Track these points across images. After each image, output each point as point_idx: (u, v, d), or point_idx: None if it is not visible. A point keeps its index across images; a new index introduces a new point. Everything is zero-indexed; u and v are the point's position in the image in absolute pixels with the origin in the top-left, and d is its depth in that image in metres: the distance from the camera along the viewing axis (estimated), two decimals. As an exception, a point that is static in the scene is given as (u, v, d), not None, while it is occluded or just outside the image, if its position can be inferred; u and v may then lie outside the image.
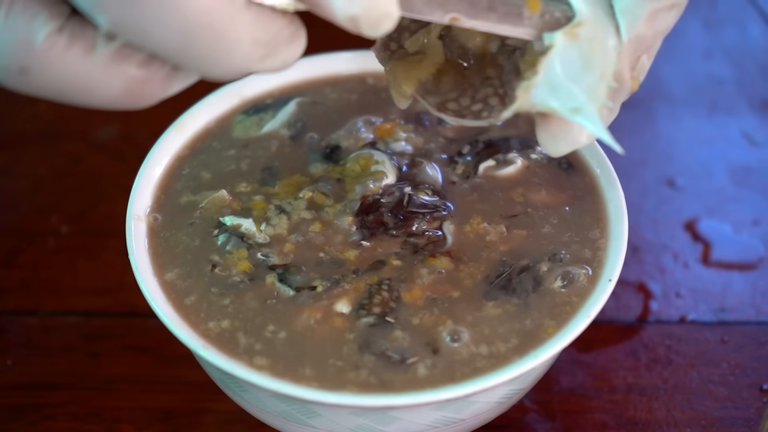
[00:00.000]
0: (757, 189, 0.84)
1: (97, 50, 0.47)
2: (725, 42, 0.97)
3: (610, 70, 0.55)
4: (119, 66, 0.47)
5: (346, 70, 0.74)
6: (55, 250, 0.79)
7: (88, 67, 0.47)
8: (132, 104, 0.49)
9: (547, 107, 0.55)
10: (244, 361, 0.57)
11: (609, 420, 0.69)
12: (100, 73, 0.47)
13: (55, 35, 0.46)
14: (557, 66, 0.54)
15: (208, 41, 0.46)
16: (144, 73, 0.48)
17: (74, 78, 0.47)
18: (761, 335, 0.74)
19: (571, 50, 0.54)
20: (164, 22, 0.45)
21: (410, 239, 0.63)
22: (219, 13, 0.46)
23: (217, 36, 0.46)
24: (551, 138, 0.57)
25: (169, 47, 0.46)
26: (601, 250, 0.62)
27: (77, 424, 0.69)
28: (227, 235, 0.63)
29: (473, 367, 0.57)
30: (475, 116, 0.57)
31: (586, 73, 0.54)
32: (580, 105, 0.54)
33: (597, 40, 0.54)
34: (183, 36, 0.46)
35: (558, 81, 0.54)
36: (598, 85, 0.54)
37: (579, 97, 0.54)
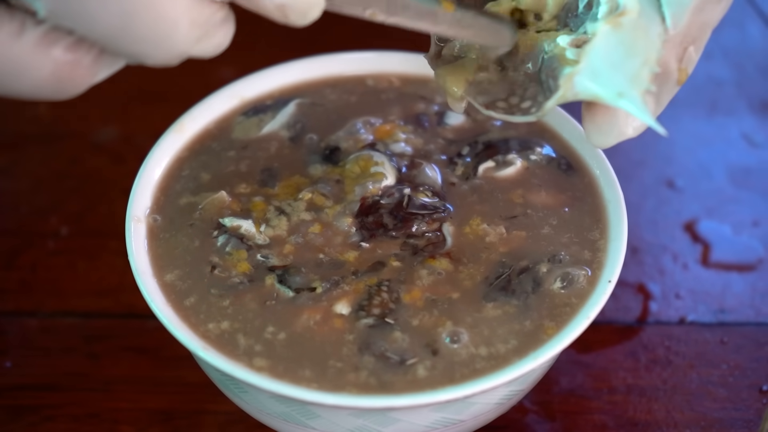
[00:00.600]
0: (756, 190, 0.84)
1: (26, 33, 0.47)
2: (724, 43, 0.97)
3: (653, 56, 0.54)
4: (47, 49, 0.47)
5: (346, 71, 0.74)
6: (54, 252, 0.79)
7: (16, 50, 0.47)
8: (59, 91, 0.49)
9: (590, 94, 0.54)
10: (243, 362, 0.57)
11: (608, 421, 0.69)
12: (29, 57, 0.47)
13: None
14: (600, 53, 0.54)
15: (148, 22, 0.46)
16: (72, 57, 0.48)
17: (2, 61, 0.47)
18: (761, 336, 0.74)
19: (614, 38, 0.53)
20: (104, 4, 0.45)
21: (410, 240, 0.63)
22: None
23: (156, 16, 0.46)
24: (598, 130, 0.57)
25: (109, 30, 0.46)
26: (600, 251, 0.62)
27: (77, 425, 0.69)
28: (227, 237, 0.63)
29: (473, 369, 0.57)
30: (524, 113, 0.57)
31: (629, 59, 0.54)
32: (623, 90, 0.53)
33: (640, 29, 0.54)
34: (123, 18, 0.46)
35: (600, 68, 0.54)
36: (641, 70, 0.54)
37: (622, 83, 0.54)
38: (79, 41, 0.48)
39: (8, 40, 0.47)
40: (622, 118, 0.56)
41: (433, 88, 0.73)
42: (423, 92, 0.73)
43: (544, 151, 0.68)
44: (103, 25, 0.46)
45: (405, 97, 0.72)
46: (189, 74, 0.78)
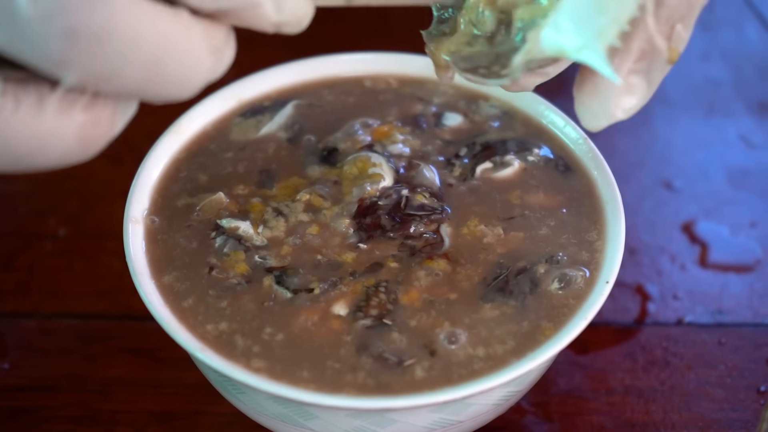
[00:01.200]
0: (754, 191, 0.84)
1: (46, 104, 0.45)
2: (722, 44, 0.97)
3: (624, 15, 0.54)
4: (68, 114, 0.46)
5: (344, 72, 0.74)
6: (52, 253, 0.79)
7: (40, 123, 0.45)
8: (84, 152, 0.47)
9: (555, 49, 0.54)
10: (241, 363, 0.57)
11: (606, 422, 0.69)
12: (53, 127, 0.46)
13: (6, 95, 0.45)
14: (569, 10, 0.54)
15: (175, 65, 0.46)
16: (92, 115, 0.46)
17: (28, 139, 0.45)
18: (758, 337, 0.74)
19: None
20: (131, 60, 0.44)
21: (407, 241, 0.63)
22: (175, 34, 0.45)
23: (182, 57, 0.46)
24: (588, 111, 0.58)
25: (138, 83, 0.46)
26: (598, 252, 0.62)
27: (75, 426, 0.69)
28: (225, 238, 0.63)
29: (470, 369, 0.57)
30: (498, 76, 0.57)
31: (598, 16, 0.54)
32: (586, 43, 0.53)
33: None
34: (151, 68, 0.45)
35: (568, 23, 0.54)
36: (609, 26, 0.54)
37: (586, 36, 0.54)
38: (95, 97, 0.46)
39: (30, 116, 0.45)
40: (612, 100, 0.56)
41: (430, 90, 0.73)
42: (421, 93, 0.73)
43: (542, 153, 0.68)
44: (132, 79, 0.45)
45: (403, 98, 0.72)
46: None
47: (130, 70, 0.45)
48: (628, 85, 0.57)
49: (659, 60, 0.57)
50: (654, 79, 0.58)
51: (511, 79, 0.56)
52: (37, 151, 0.46)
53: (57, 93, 0.45)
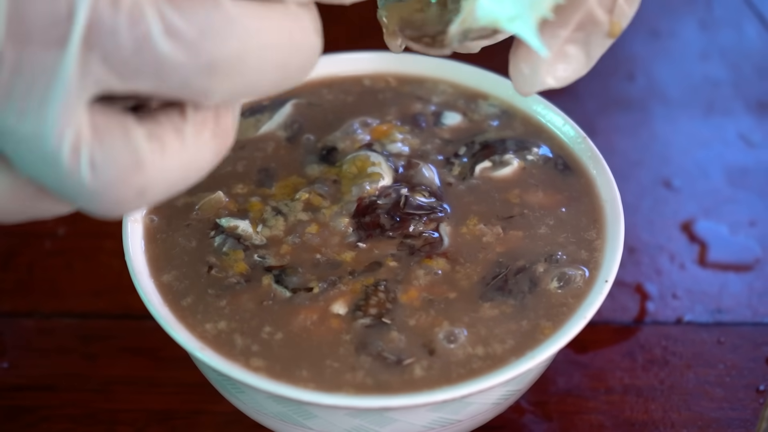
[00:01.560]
0: (753, 190, 0.84)
1: (185, 133, 0.46)
2: (721, 43, 0.97)
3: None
4: (203, 133, 0.46)
5: (343, 71, 0.74)
6: (51, 252, 0.79)
7: (184, 152, 0.46)
8: (218, 161, 0.48)
9: (488, 20, 0.54)
10: (240, 362, 0.57)
11: (606, 421, 0.69)
12: (195, 150, 0.46)
13: (152, 138, 0.45)
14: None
15: (299, 59, 0.47)
16: (222, 126, 0.47)
17: (178, 170, 0.46)
18: (757, 336, 0.74)
19: None
20: (263, 72, 0.45)
21: (407, 241, 0.63)
22: (295, 32, 0.46)
23: (303, 50, 0.47)
24: (520, 76, 0.58)
25: (269, 88, 0.47)
26: (597, 251, 0.62)
27: (74, 426, 0.69)
28: (224, 237, 0.63)
29: (469, 368, 0.57)
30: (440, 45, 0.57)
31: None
32: (518, 13, 0.54)
33: None
34: (279, 71, 0.46)
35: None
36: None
37: (519, 7, 0.54)
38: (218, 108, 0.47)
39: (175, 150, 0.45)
40: (543, 67, 0.56)
41: (429, 89, 0.73)
42: (420, 92, 0.73)
43: (541, 152, 0.68)
44: (266, 86, 0.46)
45: (402, 97, 0.72)
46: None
47: (264, 81, 0.46)
48: (563, 54, 0.57)
49: (599, 32, 0.56)
50: (593, 52, 0.57)
51: (450, 48, 0.56)
52: (186, 178, 0.46)
53: (189, 119, 0.46)
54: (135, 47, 0.43)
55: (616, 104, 0.92)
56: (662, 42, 0.98)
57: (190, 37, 0.43)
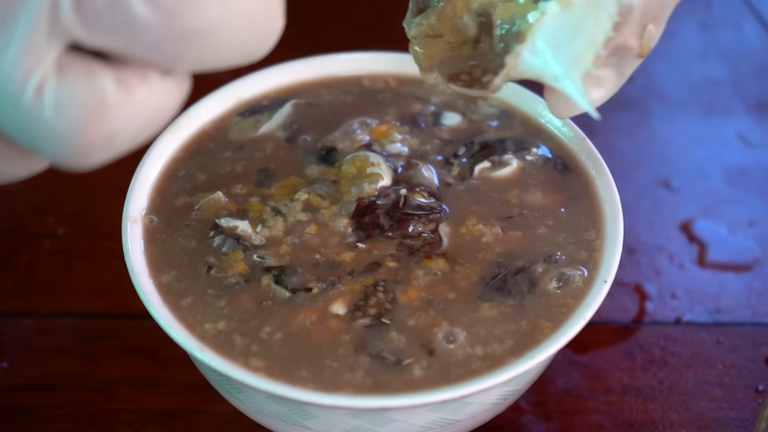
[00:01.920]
0: (752, 190, 0.84)
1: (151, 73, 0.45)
2: (720, 43, 0.97)
3: (600, 38, 0.55)
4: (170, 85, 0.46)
5: (342, 71, 0.74)
6: (51, 252, 0.79)
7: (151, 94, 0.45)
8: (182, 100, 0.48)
9: (533, 74, 0.55)
10: (240, 362, 0.57)
11: (605, 421, 0.69)
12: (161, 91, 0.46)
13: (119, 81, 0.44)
14: (546, 33, 0.55)
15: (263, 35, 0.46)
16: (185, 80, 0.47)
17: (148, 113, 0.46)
18: (757, 336, 0.74)
19: (563, 18, 0.54)
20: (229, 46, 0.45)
21: (406, 241, 0.63)
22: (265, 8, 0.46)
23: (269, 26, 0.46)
24: (557, 103, 0.60)
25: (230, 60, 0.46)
26: (596, 251, 0.63)
27: (74, 425, 0.69)
28: (223, 237, 0.63)
29: (469, 369, 0.57)
30: (482, 86, 0.58)
31: (574, 40, 0.55)
32: (563, 71, 0.54)
33: (591, 8, 0.54)
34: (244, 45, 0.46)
35: (545, 47, 0.55)
36: (584, 52, 0.55)
37: (563, 64, 0.55)
38: None
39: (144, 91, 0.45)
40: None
41: (429, 89, 0.73)
42: (419, 93, 0.73)
43: (540, 152, 0.68)
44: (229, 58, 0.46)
45: (401, 97, 0.73)
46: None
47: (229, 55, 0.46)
48: (597, 78, 0.58)
49: (630, 55, 0.57)
50: (624, 71, 0.59)
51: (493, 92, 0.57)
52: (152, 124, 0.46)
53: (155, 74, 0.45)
54: (109, 1, 0.42)
55: (615, 104, 0.91)
56: (661, 42, 0.97)
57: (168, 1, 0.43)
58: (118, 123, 0.44)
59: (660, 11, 0.57)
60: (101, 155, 0.45)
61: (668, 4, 0.57)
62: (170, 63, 0.44)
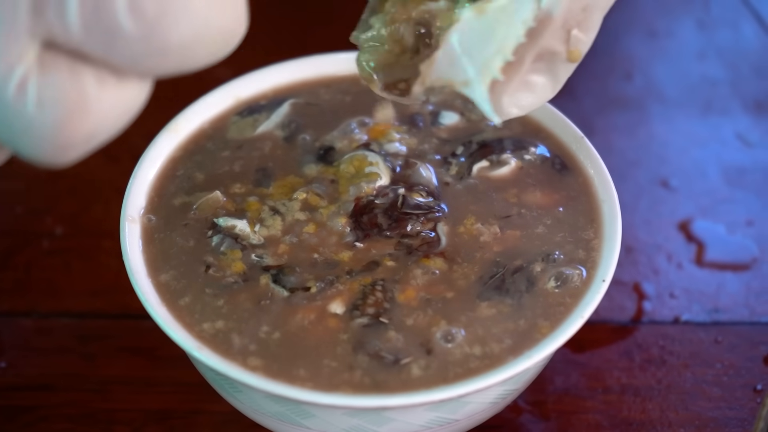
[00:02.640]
0: (750, 189, 0.84)
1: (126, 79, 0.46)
2: (719, 43, 0.97)
3: (510, 44, 0.55)
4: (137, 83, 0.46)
5: (340, 71, 0.74)
6: (49, 252, 0.79)
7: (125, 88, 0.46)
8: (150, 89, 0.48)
9: (444, 81, 0.56)
10: (238, 362, 0.57)
11: (603, 420, 0.69)
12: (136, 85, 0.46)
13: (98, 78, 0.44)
14: (457, 40, 0.55)
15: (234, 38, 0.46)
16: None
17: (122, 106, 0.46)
18: (755, 336, 0.74)
19: (475, 24, 0.55)
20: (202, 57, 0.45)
21: (404, 240, 0.63)
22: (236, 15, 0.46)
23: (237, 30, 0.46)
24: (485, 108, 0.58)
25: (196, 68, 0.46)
26: (594, 250, 0.63)
27: (72, 425, 0.69)
28: (221, 237, 0.63)
29: (467, 368, 0.57)
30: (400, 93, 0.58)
31: (484, 46, 0.55)
32: (470, 78, 0.55)
33: (505, 15, 0.54)
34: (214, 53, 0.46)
35: (455, 55, 0.55)
36: (493, 59, 0.55)
37: (471, 71, 0.55)
38: None
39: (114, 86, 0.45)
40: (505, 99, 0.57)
41: (427, 88, 0.73)
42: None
43: (539, 151, 0.68)
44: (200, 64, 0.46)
45: (399, 97, 0.72)
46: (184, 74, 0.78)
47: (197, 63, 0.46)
48: (526, 83, 0.58)
49: (559, 60, 0.57)
50: (558, 77, 0.58)
51: (417, 101, 0.57)
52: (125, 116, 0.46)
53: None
54: (94, 8, 0.42)
55: (613, 104, 0.92)
56: (660, 42, 0.98)
57: (151, 15, 0.43)
58: (98, 120, 0.44)
59: (584, 16, 0.57)
60: (79, 151, 0.45)
61: (593, 9, 0.57)
62: (144, 74, 0.45)
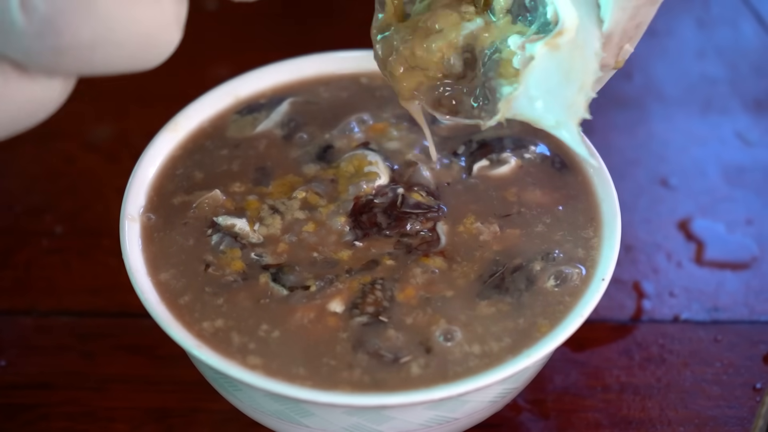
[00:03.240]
0: (750, 188, 0.84)
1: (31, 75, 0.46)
2: (718, 42, 0.97)
3: (590, 80, 0.55)
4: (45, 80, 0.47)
5: (340, 69, 0.74)
6: (49, 250, 0.79)
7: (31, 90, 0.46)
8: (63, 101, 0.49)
9: (528, 118, 0.56)
10: (237, 360, 0.57)
11: (602, 419, 0.69)
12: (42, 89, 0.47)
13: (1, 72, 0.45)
14: (537, 78, 0.55)
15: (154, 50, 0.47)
16: None
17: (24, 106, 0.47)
18: (754, 334, 0.74)
19: (551, 62, 0.55)
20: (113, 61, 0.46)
21: (403, 239, 0.63)
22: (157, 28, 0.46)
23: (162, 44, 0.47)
24: None
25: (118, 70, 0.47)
26: (594, 249, 0.63)
27: (72, 423, 0.69)
28: (221, 235, 0.63)
29: (466, 367, 0.57)
30: (467, 115, 0.58)
31: (566, 85, 0.55)
32: (560, 120, 0.55)
33: (578, 49, 0.55)
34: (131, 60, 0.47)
35: (537, 94, 0.55)
36: (577, 97, 0.55)
37: (558, 111, 0.55)
38: None
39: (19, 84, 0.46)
40: None
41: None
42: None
43: (539, 150, 0.68)
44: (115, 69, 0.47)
45: (399, 95, 0.72)
46: (184, 73, 0.78)
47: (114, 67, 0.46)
48: None
49: (606, 70, 0.58)
50: (603, 81, 0.60)
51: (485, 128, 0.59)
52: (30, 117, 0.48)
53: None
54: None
55: (613, 103, 0.92)
56: (659, 40, 0.98)
57: (43, 12, 0.43)
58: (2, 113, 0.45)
59: (635, 32, 0.58)
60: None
61: (643, 24, 0.58)
62: (45, 69, 0.45)
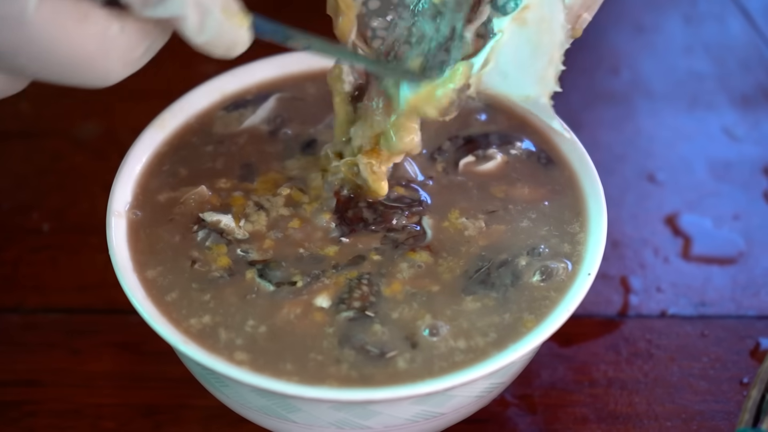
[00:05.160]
0: (737, 183, 0.84)
1: None
2: (705, 37, 0.97)
3: (558, 53, 0.56)
4: None
5: (326, 65, 0.73)
6: (36, 248, 0.79)
7: None
8: None
9: (500, 92, 0.56)
10: (224, 356, 0.57)
11: (590, 414, 0.69)
12: None
13: None
14: (507, 54, 0.55)
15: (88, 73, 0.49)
16: None
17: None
18: (741, 329, 0.74)
19: (520, 37, 0.55)
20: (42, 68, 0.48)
21: (390, 234, 0.63)
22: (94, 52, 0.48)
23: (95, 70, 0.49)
24: None
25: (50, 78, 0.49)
26: (580, 244, 0.63)
27: (59, 420, 0.69)
28: (207, 231, 0.63)
29: (452, 361, 0.57)
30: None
31: (535, 59, 0.56)
32: (531, 94, 0.55)
33: (545, 22, 0.55)
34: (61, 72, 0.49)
35: (508, 69, 0.56)
36: (547, 70, 0.56)
37: (529, 86, 0.55)
38: None
39: None
40: None
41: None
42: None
43: (524, 146, 0.68)
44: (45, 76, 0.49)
45: (386, 91, 0.72)
46: (170, 70, 0.78)
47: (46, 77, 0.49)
48: None
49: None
50: None
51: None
52: None
53: None
54: None
55: (600, 98, 0.92)
56: (646, 36, 0.98)
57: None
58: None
59: (593, 1, 0.58)
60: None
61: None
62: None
